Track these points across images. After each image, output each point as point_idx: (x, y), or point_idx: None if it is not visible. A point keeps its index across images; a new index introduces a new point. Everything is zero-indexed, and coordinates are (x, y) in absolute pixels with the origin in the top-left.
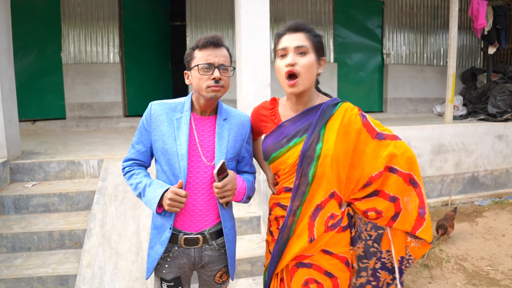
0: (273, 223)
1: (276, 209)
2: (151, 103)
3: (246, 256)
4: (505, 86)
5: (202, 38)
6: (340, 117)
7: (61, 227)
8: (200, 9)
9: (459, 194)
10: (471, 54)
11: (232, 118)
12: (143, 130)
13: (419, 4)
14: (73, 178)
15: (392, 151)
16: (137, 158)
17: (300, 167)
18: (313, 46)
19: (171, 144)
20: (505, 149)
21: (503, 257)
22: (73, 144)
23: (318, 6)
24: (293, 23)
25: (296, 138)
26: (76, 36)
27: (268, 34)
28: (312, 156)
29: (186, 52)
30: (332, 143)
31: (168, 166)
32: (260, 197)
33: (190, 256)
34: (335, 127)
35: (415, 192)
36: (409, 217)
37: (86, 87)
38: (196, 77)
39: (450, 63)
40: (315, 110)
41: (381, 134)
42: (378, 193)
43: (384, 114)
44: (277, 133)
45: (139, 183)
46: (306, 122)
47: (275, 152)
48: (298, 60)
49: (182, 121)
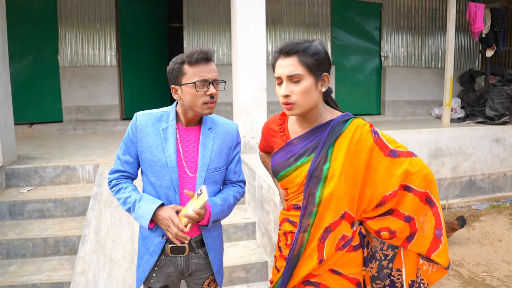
0: (282, 238)
1: (285, 224)
2: (136, 114)
3: (241, 263)
4: (503, 89)
5: (193, 54)
6: (350, 135)
7: (56, 233)
8: (197, 11)
9: (456, 198)
10: (469, 56)
11: (217, 127)
12: (129, 141)
13: (417, 6)
14: (69, 183)
15: (407, 168)
16: (124, 169)
17: (307, 188)
18: (308, 69)
19: (159, 155)
20: (503, 152)
21: (499, 262)
22: (69, 148)
23: (315, 8)
24: (285, 46)
25: (304, 157)
26: (73, 38)
27: (264, 37)
28: (319, 177)
29: (172, 66)
30: (340, 163)
31: (156, 177)
32: (256, 203)
33: (177, 265)
34: (344, 145)
35: (432, 212)
36: (425, 239)
37: (83, 90)
38: (189, 94)
39: (448, 66)
40: (324, 128)
41: (394, 152)
42: (392, 212)
43: (382, 116)
44: (285, 151)
45: (128, 197)
46: (314, 140)
47: (283, 171)
48: (293, 89)
49: (169, 131)
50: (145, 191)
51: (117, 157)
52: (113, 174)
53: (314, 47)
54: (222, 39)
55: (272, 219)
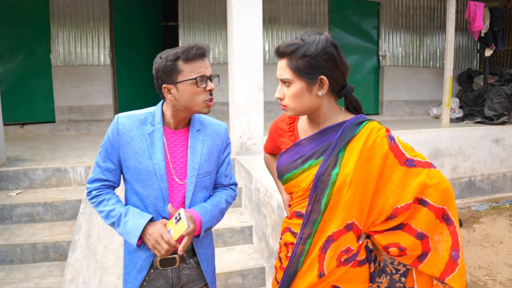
0: (283, 248)
1: (287, 234)
2: (117, 116)
3: (237, 268)
4: (502, 88)
5: (189, 49)
6: (363, 139)
7: (45, 238)
8: (193, 9)
9: (456, 199)
10: (467, 56)
11: (206, 128)
12: (110, 146)
13: (415, 5)
14: (59, 186)
15: (423, 180)
16: (105, 178)
17: (313, 193)
18: (296, 73)
19: (146, 162)
20: (502, 153)
21: (501, 265)
22: (61, 149)
23: (313, 7)
24: (278, 46)
25: (312, 160)
26: (65, 37)
27: (261, 36)
28: (326, 182)
29: (164, 64)
30: (351, 169)
31: (142, 187)
32: (252, 206)
33: (167, 278)
34: (357, 150)
35: (449, 231)
36: (439, 260)
37: (76, 89)
38: (188, 92)
39: (447, 66)
40: (336, 129)
41: (411, 160)
42: (403, 227)
43: (380, 116)
44: (292, 152)
45: (112, 211)
46: (324, 143)
47: (288, 173)
48: (285, 91)
49: (155, 135)
50: (129, 202)
51: (97, 164)
52: (92, 184)
53: (305, 48)
54: (218, 38)
55: (270, 223)
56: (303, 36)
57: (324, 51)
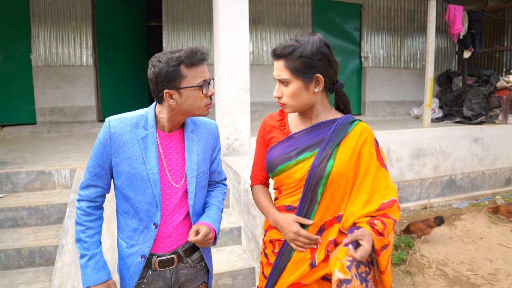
0: (269, 245)
1: (272, 231)
2: (109, 120)
3: (227, 269)
4: (480, 89)
5: (193, 54)
6: (356, 137)
7: (30, 243)
8: (177, 10)
9: (437, 197)
10: (446, 57)
11: (199, 128)
12: (101, 151)
13: (396, 7)
14: (44, 189)
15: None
16: (97, 184)
17: (308, 183)
18: (294, 73)
19: (139, 168)
20: (481, 152)
21: (482, 261)
22: (44, 152)
23: (296, 8)
24: (275, 48)
25: (307, 152)
26: (46, 37)
27: (247, 38)
28: (321, 174)
29: (166, 69)
30: (345, 163)
31: (135, 192)
32: (241, 207)
33: (166, 278)
34: (350, 147)
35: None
36: (387, 255)
37: (58, 90)
38: (192, 97)
39: (428, 67)
40: (329, 125)
41: (385, 166)
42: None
43: (362, 117)
44: (285, 144)
45: (85, 242)
46: (318, 137)
47: (282, 164)
48: (283, 90)
49: (149, 140)
50: (120, 207)
51: (87, 169)
52: (85, 190)
53: (302, 49)
54: (202, 39)
55: (260, 224)
56: (297, 38)
57: (319, 51)
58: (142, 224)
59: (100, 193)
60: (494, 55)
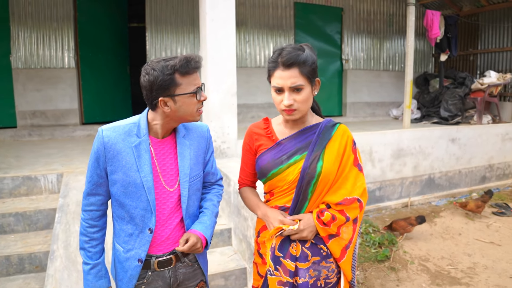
0: (263, 245)
1: (266, 232)
2: (102, 129)
3: (220, 270)
4: (456, 91)
5: (187, 63)
6: (339, 139)
7: (19, 250)
8: (160, 11)
9: (417, 195)
10: (423, 60)
11: (191, 132)
12: (96, 160)
13: (376, 11)
14: (30, 195)
15: (363, 184)
16: (97, 192)
17: (300, 183)
18: (308, 79)
19: (133, 175)
20: (458, 151)
21: (461, 255)
22: (28, 156)
23: (279, 11)
24: (286, 58)
25: (296, 156)
26: (27, 38)
27: (234, 41)
28: (312, 174)
29: (162, 77)
30: (332, 163)
31: (130, 199)
32: (231, 209)
33: (165, 278)
34: (335, 148)
35: (352, 227)
36: (340, 245)
37: (39, 93)
38: (186, 104)
39: (407, 70)
40: (313, 129)
41: (359, 166)
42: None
43: (343, 118)
44: (275, 150)
45: (89, 252)
46: (305, 141)
47: (275, 169)
48: (295, 97)
49: (142, 148)
50: (115, 213)
51: (87, 179)
52: (87, 200)
53: (310, 57)
54: (186, 41)
55: (251, 225)
56: (297, 46)
57: (316, 58)
58: (138, 229)
59: (102, 201)
60: (469, 58)
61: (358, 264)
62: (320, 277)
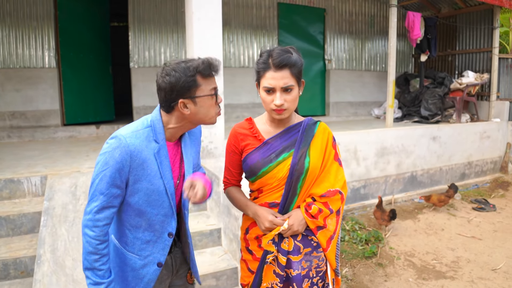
0: (253, 242)
1: (256, 228)
2: (124, 137)
3: (211, 270)
4: (435, 90)
5: (210, 65)
6: (321, 136)
7: (3, 255)
8: (143, 11)
9: (400, 192)
10: (404, 60)
11: (190, 132)
12: (118, 170)
13: (358, 12)
14: (12, 198)
15: (344, 179)
16: (113, 205)
17: (290, 180)
18: (297, 79)
19: (157, 183)
20: (439, 149)
21: (445, 250)
22: (8, 158)
23: (263, 11)
24: (279, 60)
25: (284, 153)
26: (5, 37)
27: (221, 41)
28: (301, 170)
29: (184, 79)
30: (317, 158)
31: (152, 207)
32: (220, 209)
33: (168, 265)
34: (318, 144)
35: (336, 219)
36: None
37: (18, 94)
38: (206, 106)
39: (390, 70)
40: (297, 128)
41: (339, 160)
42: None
43: (326, 117)
44: (264, 149)
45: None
46: (291, 139)
47: (264, 167)
48: (286, 97)
49: (162, 154)
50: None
51: (99, 192)
52: (100, 214)
53: (299, 59)
54: (169, 41)
55: None
56: (284, 48)
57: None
58: (156, 235)
59: (115, 213)
60: (447, 59)
61: (346, 261)
62: (312, 267)
